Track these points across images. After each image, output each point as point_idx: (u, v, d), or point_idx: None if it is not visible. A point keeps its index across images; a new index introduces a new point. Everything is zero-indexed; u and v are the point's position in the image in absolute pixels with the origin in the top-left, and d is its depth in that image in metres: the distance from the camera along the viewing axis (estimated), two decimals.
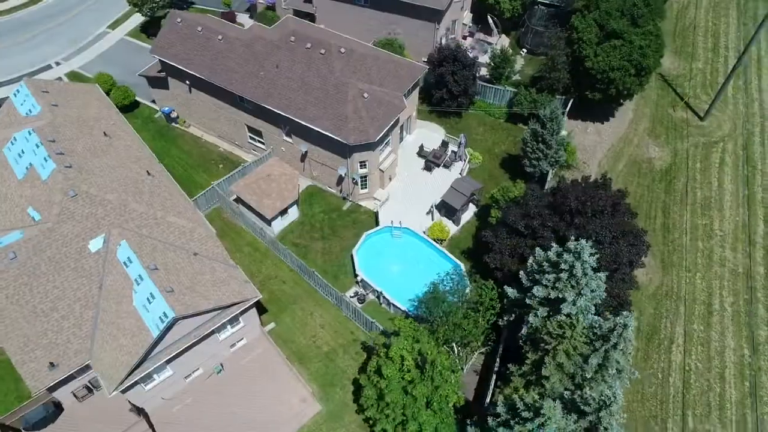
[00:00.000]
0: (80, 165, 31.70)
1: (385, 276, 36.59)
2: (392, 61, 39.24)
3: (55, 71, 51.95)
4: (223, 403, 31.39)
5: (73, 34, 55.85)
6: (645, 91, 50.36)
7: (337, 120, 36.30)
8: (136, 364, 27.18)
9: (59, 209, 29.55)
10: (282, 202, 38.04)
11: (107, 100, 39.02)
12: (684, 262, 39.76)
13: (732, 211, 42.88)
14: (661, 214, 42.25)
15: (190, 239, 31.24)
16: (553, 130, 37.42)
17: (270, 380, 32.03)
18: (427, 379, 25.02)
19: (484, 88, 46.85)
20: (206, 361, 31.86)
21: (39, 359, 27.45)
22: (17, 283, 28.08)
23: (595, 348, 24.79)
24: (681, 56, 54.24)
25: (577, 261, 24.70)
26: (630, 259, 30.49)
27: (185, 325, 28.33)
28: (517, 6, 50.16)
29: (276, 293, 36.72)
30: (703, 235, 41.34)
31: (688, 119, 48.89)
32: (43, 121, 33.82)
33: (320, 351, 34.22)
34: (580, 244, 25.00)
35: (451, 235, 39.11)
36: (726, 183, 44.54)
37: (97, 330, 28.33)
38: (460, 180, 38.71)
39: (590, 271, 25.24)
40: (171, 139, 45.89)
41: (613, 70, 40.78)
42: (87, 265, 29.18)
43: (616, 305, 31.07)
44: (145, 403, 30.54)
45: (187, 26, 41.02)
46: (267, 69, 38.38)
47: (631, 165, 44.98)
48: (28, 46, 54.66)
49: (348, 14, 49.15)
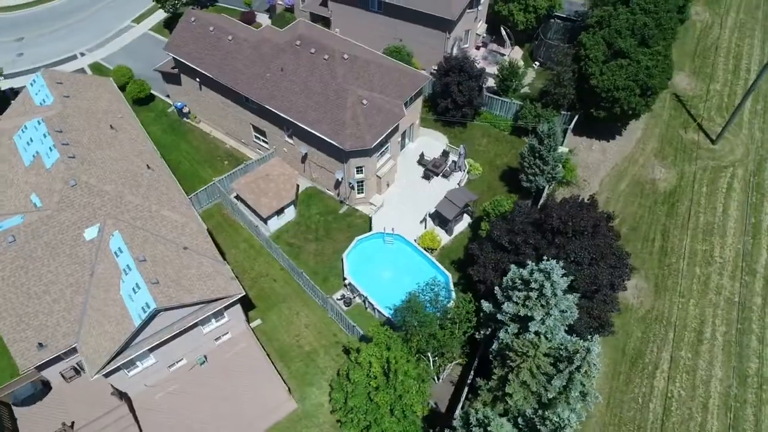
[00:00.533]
0: (83, 156, 33.10)
1: (373, 281, 37.13)
2: (395, 69, 39.72)
3: (80, 61, 53.97)
4: (203, 394, 32.39)
5: (99, 26, 57.91)
6: (656, 111, 49.85)
7: (335, 125, 36.98)
8: (118, 351, 28.33)
9: (59, 197, 30.95)
10: (278, 202, 38.91)
11: (119, 93, 40.47)
12: (678, 288, 39.21)
13: (735, 238, 42.07)
14: (660, 237, 41.71)
15: (182, 233, 32.32)
16: (550, 146, 37.38)
17: (250, 376, 32.89)
18: (391, 387, 25.48)
19: (491, 99, 46.94)
20: (190, 352, 32.92)
21: (29, 339, 28.83)
22: (14, 265, 29.52)
23: (559, 369, 24.87)
24: (699, 77, 53.28)
25: (547, 281, 24.82)
26: (611, 282, 30.38)
27: (168, 316, 29.38)
28: (531, 19, 50.04)
29: (266, 291, 37.62)
30: (702, 261, 40.69)
31: (699, 141, 48.07)
32: (53, 112, 35.39)
33: (302, 350, 34.97)
34: (549, 264, 25.12)
35: (443, 245, 39.42)
36: (731, 209, 43.69)
37: (86, 315, 29.59)
38: (454, 191, 38.98)
39: (560, 291, 25.31)
40: (181, 133, 47.27)
41: (618, 90, 40.47)
42: (81, 253, 30.49)
43: (597, 326, 31.04)
44: (128, 388, 31.78)
45: (200, 26, 42.25)
46: (272, 71, 39.30)
47: (634, 185, 44.48)
48: (57, 36, 56.90)
49: (361, 19, 49.79)
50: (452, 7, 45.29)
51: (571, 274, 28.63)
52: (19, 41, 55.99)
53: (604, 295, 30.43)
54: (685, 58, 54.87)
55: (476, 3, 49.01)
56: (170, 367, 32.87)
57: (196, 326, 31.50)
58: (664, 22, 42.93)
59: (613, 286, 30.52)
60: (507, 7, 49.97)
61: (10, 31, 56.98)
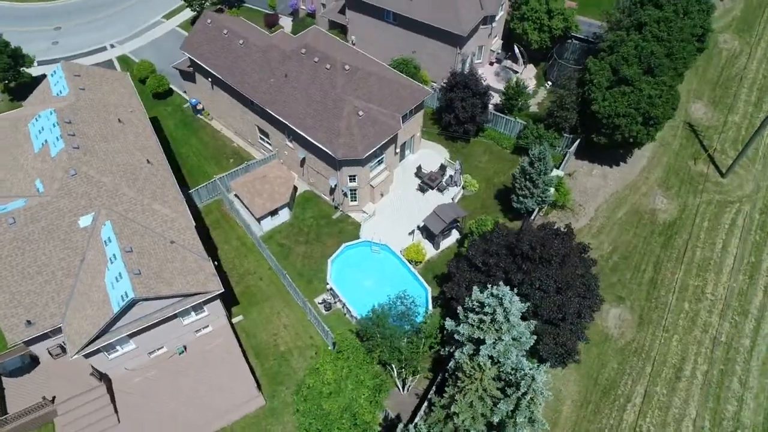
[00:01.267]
0: (87, 147, 35.07)
1: (356, 288, 37.99)
2: (396, 83, 40.44)
3: (109, 53, 56.64)
4: (179, 382, 33.90)
5: (132, 19, 60.60)
6: (666, 139, 49.10)
7: (330, 133, 38.00)
8: (96, 335, 30.05)
9: (59, 185, 32.93)
10: (272, 203, 40.19)
11: (133, 88, 42.44)
12: (663, 322, 38.70)
13: (731, 276, 41.17)
14: (651, 269, 41.16)
15: (170, 228, 33.89)
16: (540, 170, 37.45)
17: (225, 369, 34.22)
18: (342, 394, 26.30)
19: (495, 117, 47.14)
20: (170, 341, 34.48)
21: (19, 316, 30.83)
22: (11, 246, 31.59)
23: (506, 394, 25.24)
24: (718, 107, 52.08)
25: (499, 306, 25.19)
26: (579, 311, 30.43)
27: (147, 306, 30.93)
28: (546, 38, 49.93)
29: (251, 288, 38.97)
30: (692, 296, 40.00)
31: (707, 174, 47.09)
32: (67, 103, 37.55)
33: (277, 349, 36.14)
34: (502, 290, 25.47)
35: (429, 258, 39.96)
36: (731, 246, 42.73)
37: (72, 298, 31.44)
38: (443, 206, 39.44)
39: (514, 317, 25.64)
40: (193, 129, 49.17)
41: (619, 117, 40.17)
42: (74, 239, 32.37)
43: (563, 353, 31.15)
44: (109, 370, 33.58)
45: (215, 28, 43.92)
46: (277, 77, 40.60)
47: (632, 214, 43.97)
48: (92, 27, 59.83)
49: (376, 29, 50.70)
50: (463, 24, 45.73)
51: (536, 300, 28.86)
52: (57, 30, 59.09)
53: (571, 324, 30.49)
54: (705, 86, 53.71)
55: (490, 20, 49.23)
56: (150, 354, 34.51)
57: (175, 317, 33.01)
58: (676, 52, 42.34)
59: (581, 315, 30.53)
60: (521, 25, 49.99)
61: (50, 20, 60.18)
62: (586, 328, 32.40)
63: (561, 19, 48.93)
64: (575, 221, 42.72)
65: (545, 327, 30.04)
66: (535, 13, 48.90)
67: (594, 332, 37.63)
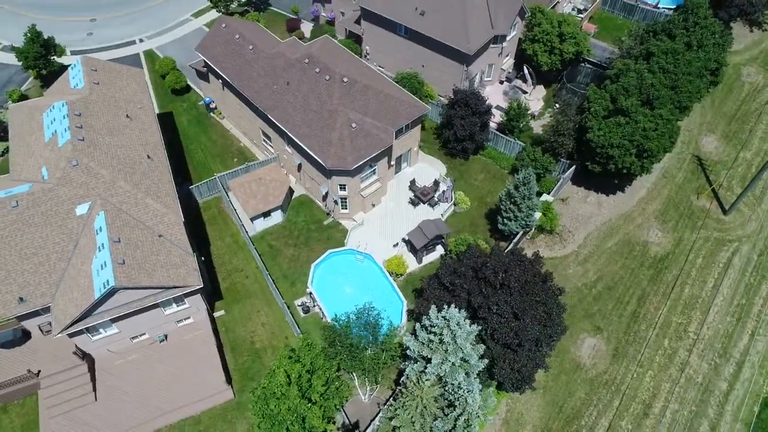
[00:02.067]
0: (91, 139, 37.28)
1: (336, 294, 39.13)
2: (393, 98, 41.32)
3: (137, 47, 59.36)
4: (156, 368, 35.73)
5: (163, 15, 63.28)
6: (670, 171, 48.45)
7: (322, 143, 39.23)
8: (78, 318, 32.09)
9: (61, 174, 35.17)
10: (264, 205, 41.72)
11: (146, 85, 44.62)
12: (639, 356, 38.44)
13: (718, 317, 40.51)
14: (635, 302, 40.85)
15: (160, 222, 35.75)
16: (524, 194, 37.74)
17: (199, 360, 35.89)
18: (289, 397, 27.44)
19: (496, 136, 47.48)
20: (152, 328, 36.36)
21: (12, 292, 33.15)
22: (12, 227, 33.97)
23: (445, 414, 25.93)
24: (731, 142, 51.02)
25: (446, 328, 25.88)
26: (538, 339, 30.75)
27: (128, 294, 32.81)
28: (556, 61, 49.92)
29: (236, 285, 40.59)
30: (674, 333, 39.57)
31: (709, 210, 46.29)
32: (80, 96, 39.93)
33: (253, 346, 37.64)
34: (450, 312, 26.13)
35: (410, 271, 40.73)
36: (723, 286, 41.98)
37: (63, 281, 33.60)
38: (428, 221, 40.15)
39: (460, 340, 26.27)
40: (204, 126, 51.23)
41: (613, 147, 40.03)
42: (70, 225, 34.54)
43: (519, 379, 31.52)
44: (93, 350, 35.70)
45: (229, 32, 45.76)
46: (279, 84, 42.10)
47: (623, 244, 43.67)
48: (125, 20, 62.75)
49: (389, 41, 51.71)
50: (471, 42, 46.27)
51: (493, 324, 29.37)
52: (92, 22, 62.28)
53: (529, 350, 30.83)
54: (720, 119, 52.64)
55: (501, 39, 49.55)
56: (133, 339, 36.47)
57: (157, 307, 34.85)
58: (681, 85, 41.94)
59: (539, 343, 30.84)
60: (532, 47, 50.11)
61: (87, 12, 63.44)
62: (547, 356, 32.68)
63: (573, 43, 48.86)
64: (562, 247, 42.75)
65: (503, 351, 30.48)
66: (547, 36, 48.98)
67: (566, 360, 37.77)
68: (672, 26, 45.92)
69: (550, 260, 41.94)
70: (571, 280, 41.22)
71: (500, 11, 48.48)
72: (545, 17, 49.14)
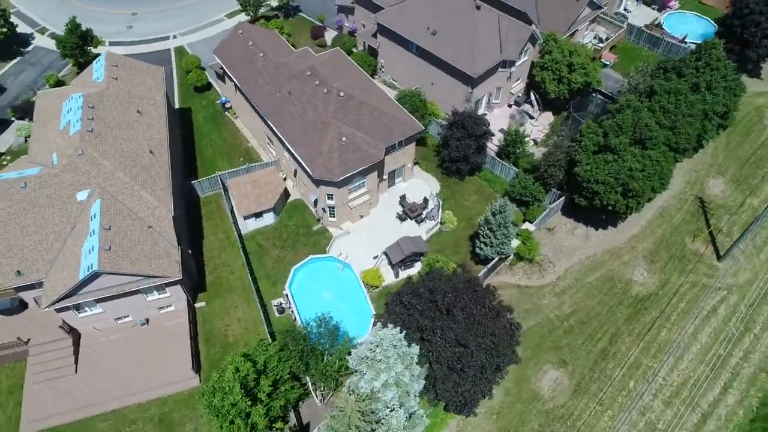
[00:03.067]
0: (99, 131, 40.22)
1: (312, 298, 40.78)
2: (387, 115, 42.56)
3: (169, 42, 62.70)
4: (134, 350, 38.34)
5: (199, 13, 66.50)
6: (668, 211, 47.79)
7: (312, 153, 40.94)
8: (63, 296, 34.92)
9: (67, 161, 38.22)
10: (256, 206, 43.79)
11: (162, 82, 47.44)
12: (601, 395, 38.41)
13: (691, 364, 39.95)
14: (606, 340, 40.74)
15: (151, 214, 38.28)
16: (499, 222, 38.32)
17: (175, 346, 38.28)
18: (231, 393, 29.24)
19: (492, 159, 48.01)
20: (135, 312, 38.98)
21: (11, 265, 36.33)
22: (19, 206, 37.17)
23: (372, 429, 27.17)
24: (739, 186, 49.75)
25: (378, 347, 27.07)
26: (483, 365, 31.45)
27: (111, 278, 35.43)
28: (564, 90, 49.95)
29: (221, 279, 42.82)
30: (641, 376, 39.29)
31: (702, 255, 45.44)
32: (97, 89, 43.04)
33: (226, 339, 39.76)
34: (384, 332, 27.28)
35: (387, 284, 41.92)
36: (702, 334, 41.30)
37: (57, 260, 36.59)
38: (407, 238, 41.25)
39: (393, 358, 27.39)
40: (218, 124, 53.83)
41: (598, 183, 40.04)
42: (70, 209, 37.52)
43: (462, 403, 32.34)
44: (80, 326, 38.63)
45: (244, 38, 48.12)
46: (282, 93, 44.07)
47: (604, 280, 43.49)
48: (163, 16, 66.30)
49: (402, 57, 52.96)
50: (476, 65, 47.00)
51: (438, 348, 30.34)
52: (133, 15, 66.11)
53: (474, 376, 31.59)
54: (733, 162, 51.34)
55: (509, 64, 49.96)
56: (117, 320, 39.20)
57: (139, 293, 37.42)
58: (680, 126, 41.49)
59: (484, 370, 31.53)
60: (542, 74, 50.31)
61: (130, 5, 67.34)
62: (495, 383, 33.31)
63: (582, 73, 48.80)
64: (541, 276, 43.00)
65: (447, 373, 31.36)
66: (556, 65, 49.08)
67: (524, 389, 38.18)
68: (683, 65, 45.31)
69: (525, 289, 42.36)
70: (544, 311, 41.47)
71: (511, 36, 48.94)
72: (557, 45, 49.24)
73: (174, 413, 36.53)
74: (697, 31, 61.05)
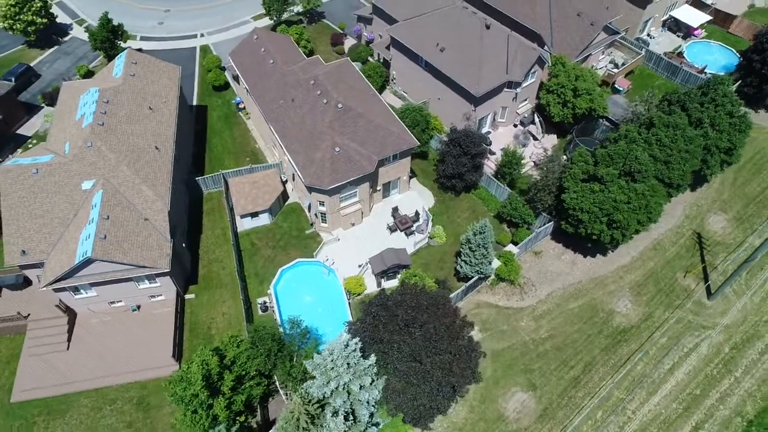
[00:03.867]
0: (110, 126, 42.73)
1: (294, 300, 42.37)
2: (383, 128, 43.69)
3: (196, 41, 65.32)
4: (123, 333, 40.66)
5: (228, 14, 68.99)
6: (663, 244, 47.37)
7: (306, 160, 42.46)
8: (58, 278, 37.46)
9: (77, 152, 40.83)
10: (253, 206, 45.61)
11: (177, 81, 49.80)
12: (567, 422, 38.64)
13: (664, 400, 39.75)
14: (580, 368, 40.89)
15: (149, 208, 40.52)
16: (479, 242, 38.99)
17: (160, 334, 40.45)
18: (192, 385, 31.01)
19: (488, 179, 48.54)
20: (127, 298, 41.35)
21: (17, 244, 39.13)
22: (29, 190, 39.93)
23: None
24: (742, 224, 48.87)
25: (330, 354, 28.33)
26: (440, 381, 32.29)
27: (104, 265, 37.79)
28: (568, 114, 50.04)
29: (213, 273, 44.82)
30: (611, 408, 39.31)
31: (692, 291, 44.94)
32: (114, 85, 45.65)
33: (208, 332, 41.71)
34: (336, 341, 28.48)
35: (369, 292, 43.07)
36: (680, 371, 40.99)
37: (58, 243, 39.22)
38: (390, 250, 42.32)
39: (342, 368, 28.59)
40: (230, 123, 56.00)
41: (582, 212, 40.21)
42: (75, 197, 40.10)
43: (417, 416, 33.28)
44: (76, 307, 41.23)
45: (258, 44, 50.06)
46: (285, 99, 45.75)
47: (586, 308, 43.53)
48: (194, 14, 69.05)
49: (412, 70, 53.99)
50: (480, 84, 47.65)
51: (394, 361, 31.41)
52: (166, 12, 69.12)
53: (431, 392, 32.47)
54: (738, 199, 50.40)
55: (515, 85, 50.34)
56: (111, 304, 41.67)
57: (131, 281, 39.73)
58: (674, 161, 41.28)
59: (440, 386, 32.34)
60: (547, 97, 50.52)
61: (164, 2, 70.37)
62: (453, 400, 34.10)
63: (587, 99, 48.78)
64: (521, 299, 43.39)
65: (404, 385, 32.35)
66: (561, 88, 49.22)
67: (490, 408, 38.73)
68: (687, 99, 44.89)
69: (504, 309, 42.85)
70: (520, 333, 41.88)
71: (518, 57, 49.33)
72: (564, 69, 49.37)
73: (152, 396, 38.64)
74: (719, 62, 59.92)
